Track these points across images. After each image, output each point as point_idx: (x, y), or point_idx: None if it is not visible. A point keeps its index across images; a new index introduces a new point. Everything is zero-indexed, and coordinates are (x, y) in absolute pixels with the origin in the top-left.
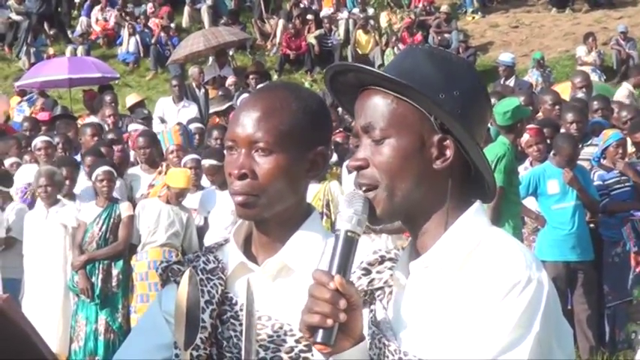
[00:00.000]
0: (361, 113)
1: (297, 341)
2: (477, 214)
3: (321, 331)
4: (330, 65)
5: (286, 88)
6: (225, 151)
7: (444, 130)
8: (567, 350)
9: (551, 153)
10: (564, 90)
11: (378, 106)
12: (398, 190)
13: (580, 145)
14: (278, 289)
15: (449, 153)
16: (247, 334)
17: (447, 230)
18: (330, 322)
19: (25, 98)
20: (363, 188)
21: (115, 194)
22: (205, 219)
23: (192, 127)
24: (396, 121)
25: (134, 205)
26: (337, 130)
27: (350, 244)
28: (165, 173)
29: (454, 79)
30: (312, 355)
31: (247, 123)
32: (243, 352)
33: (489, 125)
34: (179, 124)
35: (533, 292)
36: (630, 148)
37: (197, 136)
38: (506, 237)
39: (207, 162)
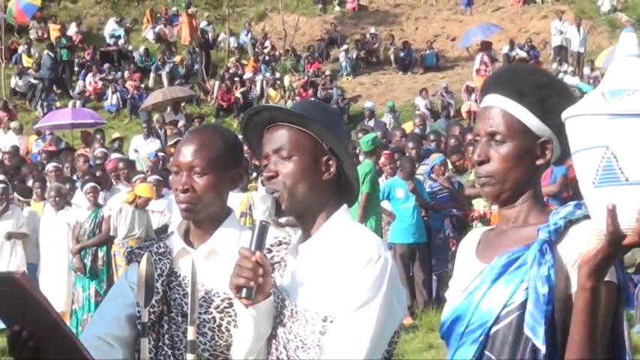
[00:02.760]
0: (271, 140)
1: (222, 300)
2: (344, 213)
3: (245, 290)
4: (252, 107)
5: (212, 129)
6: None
7: (330, 152)
8: (402, 304)
9: (399, 170)
10: (408, 127)
11: (284, 134)
12: (297, 192)
13: (417, 165)
14: (208, 265)
15: (332, 169)
16: (192, 296)
17: (325, 223)
18: (251, 283)
19: (41, 137)
20: (273, 191)
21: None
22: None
23: (159, 155)
24: (298, 144)
25: None
26: (256, 157)
27: (263, 229)
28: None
29: (332, 120)
30: (233, 309)
31: (187, 153)
32: (189, 309)
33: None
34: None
35: (381, 265)
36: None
37: (161, 161)
38: (364, 229)
39: None
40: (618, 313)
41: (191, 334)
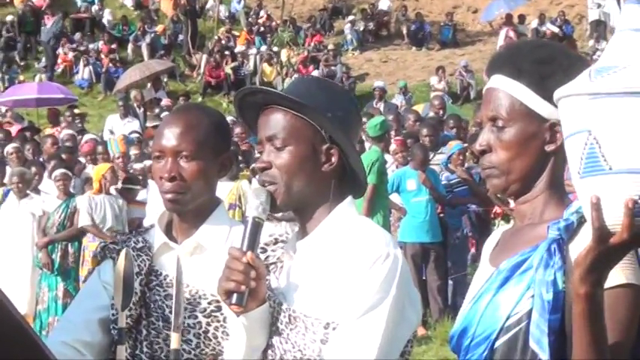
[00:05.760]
0: (265, 126)
1: (209, 303)
2: (349, 205)
3: (235, 295)
4: (243, 87)
5: (198, 108)
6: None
7: (331, 140)
8: (416, 308)
9: (410, 159)
10: (420, 109)
11: (279, 120)
12: (294, 186)
13: (432, 154)
14: (193, 263)
15: (334, 159)
16: (177, 298)
17: (326, 218)
18: (243, 288)
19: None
20: (267, 184)
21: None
22: None
23: (133, 136)
24: (293, 132)
25: None
26: (245, 142)
27: (257, 227)
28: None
29: (337, 102)
30: (222, 313)
31: (172, 136)
32: (174, 313)
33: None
34: (123, 135)
35: (390, 264)
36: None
37: (137, 142)
38: (370, 223)
39: None
40: None
41: (175, 342)
